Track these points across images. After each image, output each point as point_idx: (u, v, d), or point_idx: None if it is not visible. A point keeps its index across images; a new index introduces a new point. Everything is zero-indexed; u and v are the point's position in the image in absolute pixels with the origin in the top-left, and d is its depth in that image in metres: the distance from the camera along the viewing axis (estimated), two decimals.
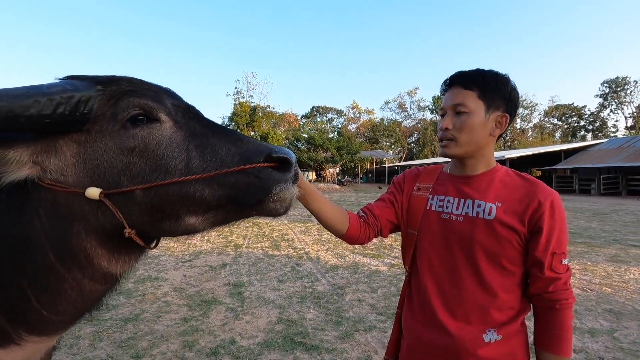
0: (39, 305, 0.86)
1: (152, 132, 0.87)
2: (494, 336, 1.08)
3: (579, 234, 8.87)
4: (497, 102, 1.13)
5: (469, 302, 1.11)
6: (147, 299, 4.46)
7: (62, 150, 0.84)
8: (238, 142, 0.91)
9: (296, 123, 61.37)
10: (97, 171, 0.84)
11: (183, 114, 0.93)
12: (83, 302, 0.92)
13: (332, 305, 4.23)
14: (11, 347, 0.89)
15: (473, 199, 1.14)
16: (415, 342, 1.21)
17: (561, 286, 1.05)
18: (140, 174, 0.85)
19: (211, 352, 3.14)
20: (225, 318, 3.88)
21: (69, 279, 0.87)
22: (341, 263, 6.19)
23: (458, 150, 1.15)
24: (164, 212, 0.87)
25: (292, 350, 3.17)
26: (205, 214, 0.89)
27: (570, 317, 1.06)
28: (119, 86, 0.88)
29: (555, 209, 1.07)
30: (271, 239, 8.46)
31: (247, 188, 0.87)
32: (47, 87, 0.79)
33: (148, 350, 3.17)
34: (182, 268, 5.89)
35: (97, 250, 0.87)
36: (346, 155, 34.90)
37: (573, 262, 6.11)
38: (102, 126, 0.85)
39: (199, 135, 0.91)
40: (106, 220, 0.85)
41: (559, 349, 1.04)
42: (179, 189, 0.85)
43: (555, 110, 60.29)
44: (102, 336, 3.42)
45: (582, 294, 4.57)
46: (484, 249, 1.09)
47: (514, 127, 59.82)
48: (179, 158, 0.87)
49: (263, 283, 5.10)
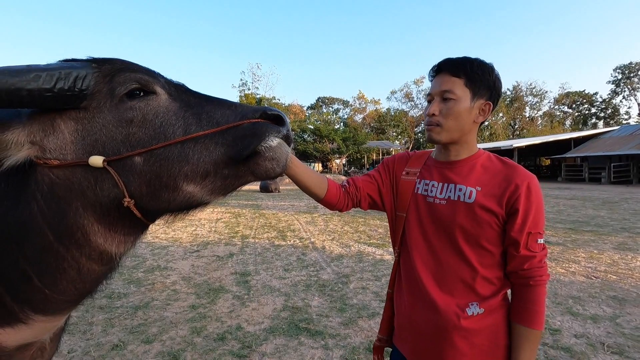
0: (41, 284, 0.90)
1: (150, 103, 0.90)
2: (476, 309, 1.13)
3: (586, 223, 8.81)
4: (482, 90, 1.17)
5: (452, 278, 1.16)
6: (157, 287, 4.58)
7: (60, 128, 0.86)
8: (232, 106, 0.95)
9: (302, 114, 61.18)
10: (97, 145, 0.86)
11: (175, 88, 0.97)
12: (82, 282, 0.95)
13: (337, 293, 4.31)
14: (19, 326, 0.93)
15: (455, 184, 1.19)
16: (404, 320, 1.27)
17: (536, 264, 1.10)
18: (139, 143, 0.88)
19: (218, 337, 3.24)
20: (232, 305, 3.98)
21: (67, 257, 0.90)
22: (346, 252, 6.26)
23: (443, 135, 1.19)
24: (161, 179, 0.88)
25: (296, 335, 3.26)
26: (203, 180, 0.90)
27: (544, 293, 1.11)
28: (113, 65, 0.91)
29: (532, 191, 1.10)
30: (277, 229, 8.56)
31: (242, 138, 0.89)
32: (46, 64, 0.82)
33: (158, 335, 3.28)
34: (190, 258, 6.02)
35: (94, 226, 0.90)
36: (352, 146, 34.83)
37: (579, 250, 6.10)
38: (99, 102, 0.88)
39: (194, 105, 0.94)
40: (104, 194, 0.87)
41: (531, 321, 1.09)
42: (178, 153, 0.88)
43: (565, 98, 59.08)
44: (114, 323, 3.55)
45: (587, 282, 4.58)
46: (464, 230, 1.14)
47: (523, 116, 58.95)
48: (176, 125, 0.90)
49: (269, 272, 5.20)
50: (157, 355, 2.96)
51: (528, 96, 59.47)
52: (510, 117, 58.52)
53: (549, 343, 3.07)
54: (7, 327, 0.92)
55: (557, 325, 3.40)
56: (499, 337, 1.14)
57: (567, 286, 4.43)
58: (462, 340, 1.12)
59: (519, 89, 58.72)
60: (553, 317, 3.58)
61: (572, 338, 3.15)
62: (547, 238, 7.07)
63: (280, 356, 2.93)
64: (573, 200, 14.11)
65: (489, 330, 1.14)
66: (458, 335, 1.13)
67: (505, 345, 1.14)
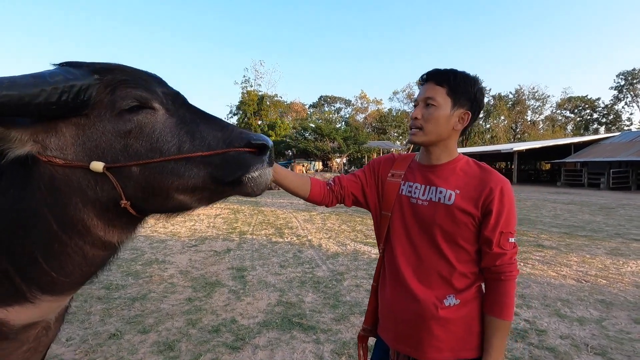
0: (48, 267, 0.96)
1: (147, 118, 0.96)
2: (453, 301, 1.24)
3: (581, 227, 8.89)
4: (462, 100, 1.27)
5: (431, 272, 1.26)
6: (154, 280, 4.67)
7: (62, 131, 0.92)
8: (224, 129, 1.02)
9: (304, 112, 61.22)
10: (97, 151, 0.93)
11: (173, 101, 1.03)
12: (87, 266, 1.02)
13: (331, 290, 4.39)
14: (27, 305, 0.99)
15: (436, 186, 1.28)
16: (386, 310, 1.37)
17: (507, 260, 1.19)
18: (137, 154, 0.94)
19: (213, 329, 3.32)
20: (227, 299, 4.07)
21: (71, 245, 0.96)
22: (342, 251, 6.35)
23: (423, 138, 1.29)
24: (155, 188, 0.97)
25: (289, 330, 3.34)
26: (193, 192, 1.00)
27: (513, 288, 1.21)
28: (114, 75, 0.95)
29: (505, 194, 1.20)
30: (275, 226, 8.64)
31: (228, 167, 0.98)
32: (49, 75, 0.86)
33: (154, 326, 3.37)
34: (188, 252, 6.11)
35: (94, 221, 0.96)
36: (353, 146, 34.92)
37: (571, 255, 6.18)
38: (100, 112, 0.93)
39: (189, 122, 1.01)
40: (104, 193, 0.94)
41: (502, 313, 1.19)
42: (171, 168, 0.96)
43: (567, 103, 59.07)
44: (111, 313, 3.63)
45: (577, 285, 4.66)
46: (443, 229, 1.24)
47: (524, 119, 58.92)
48: (171, 142, 0.97)
49: (265, 268, 5.28)
50: (153, 344, 3.04)
51: (530, 100, 59.44)
52: (511, 121, 58.50)
53: (534, 343, 3.15)
54: (16, 305, 0.98)
55: (543, 326, 3.49)
56: (472, 325, 1.24)
57: (557, 289, 4.51)
58: (440, 328, 1.23)
59: (521, 93, 58.66)
60: (540, 318, 3.66)
61: (558, 339, 3.24)
62: (542, 242, 7.17)
63: (272, 349, 3.02)
64: (570, 205, 14.19)
65: (464, 319, 1.24)
66: (436, 323, 1.23)
67: (478, 332, 1.24)
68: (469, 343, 1.24)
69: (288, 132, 42.01)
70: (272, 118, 43.88)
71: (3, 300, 0.98)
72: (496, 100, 57.14)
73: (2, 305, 0.98)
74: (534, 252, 6.32)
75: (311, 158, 39.50)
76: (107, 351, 2.93)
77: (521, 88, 58.96)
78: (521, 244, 6.90)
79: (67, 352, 2.91)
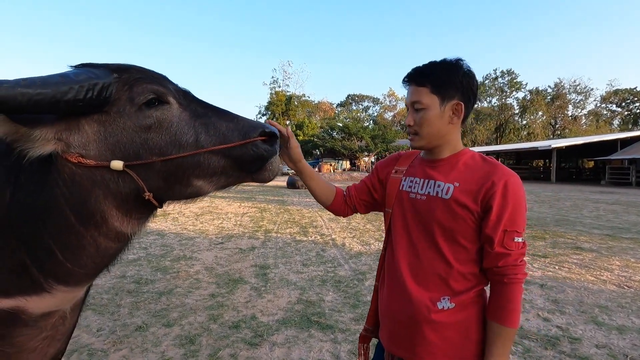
0: (64, 258, 1.02)
1: (164, 113, 1.03)
2: (447, 304, 1.16)
3: (626, 229, 8.26)
4: (450, 92, 1.19)
5: (428, 271, 1.19)
6: (181, 276, 4.83)
7: (84, 128, 0.97)
8: (234, 119, 1.11)
9: (331, 111, 61.17)
10: (119, 145, 0.98)
11: (184, 96, 1.10)
12: (100, 257, 1.07)
13: (352, 290, 4.35)
14: (44, 295, 1.05)
15: (435, 180, 1.22)
16: (384, 311, 1.32)
17: (511, 262, 1.09)
18: (157, 147, 1.01)
19: (233, 325, 3.39)
20: (249, 296, 4.13)
21: (87, 236, 1.02)
22: (365, 250, 6.27)
23: (422, 142, 1.24)
24: (177, 177, 1.04)
25: (307, 328, 3.34)
26: (211, 178, 1.08)
27: (519, 292, 1.10)
28: (131, 74, 1.02)
29: (509, 189, 1.10)
30: (300, 225, 8.69)
31: (248, 158, 1.08)
32: (74, 74, 0.91)
33: (178, 320, 3.48)
34: (215, 250, 6.27)
35: (112, 211, 1.02)
36: (381, 144, 34.44)
37: (614, 258, 5.76)
38: (119, 108, 0.99)
39: (201, 115, 1.08)
40: (125, 185, 1.00)
41: (504, 319, 1.09)
42: (192, 159, 1.03)
43: (614, 96, 55.10)
44: (139, 306, 3.80)
45: (618, 291, 4.33)
46: (441, 225, 1.17)
47: (565, 114, 55.66)
48: (188, 133, 1.04)
49: (288, 266, 5.32)
50: (176, 338, 3.15)
51: (571, 94, 56.03)
52: (550, 116, 55.43)
53: (566, 351, 2.96)
54: (34, 295, 1.05)
55: (578, 334, 3.26)
56: (470, 332, 1.16)
57: (595, 294, 4.21)
58: (433, 332, 1.16)
59: (561, 86, 55.46)
60: (575, 325, 3.43)
61: (593, 348, 3.02)
62: (580, 244, 6.73)
63: (289, 346, 3.03)
64: (615, 205, 13.23)
65: (460, 325, 1.16)
66: (428, 327, 1.16)
67: (478, 340, 1.16)
68: (466, 350, 1.16)
69: (316, 131, 42.14)
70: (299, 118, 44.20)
71: (23, 291, 1.04)
72: (533, 95, 54.37)
73: (21, 294, 1.04)
74: (570, 255, 5.95)
75: (339, 157, 39.40)
76: (133, 342, 3.06)
77: (561, 81, 55.80)
78: (557, 247, 6.52)
79: (97, 342, 3.07)
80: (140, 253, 5.86)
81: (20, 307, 1.05)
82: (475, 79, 1.23)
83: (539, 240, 7.10)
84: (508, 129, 55.64)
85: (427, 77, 1.20)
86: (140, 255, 5.76)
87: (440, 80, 1.18)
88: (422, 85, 1.20)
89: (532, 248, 6.41)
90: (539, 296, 4.16)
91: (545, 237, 7.39)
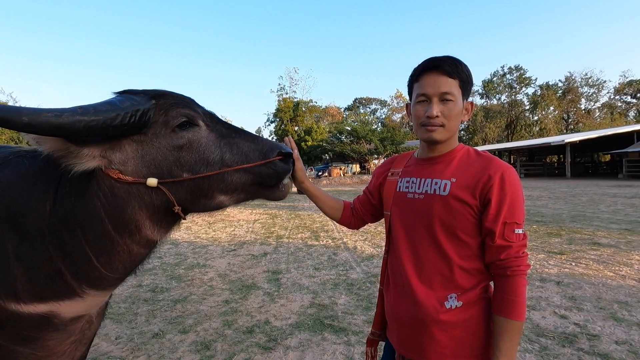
0: (98, 264, 1.10)
1: (195, 134, 1.15)
2: (454, 303, 1.15)
3: None
4: (468, 90, 1.22)
5: (431, 270, 1.19)
6: (195, 283, 4.91)
7: (125, 147, 1.08)
8: (255, 140, 1.25)
9: (339, 116, 61.28)
10: (154, 162, 1.10)
11: (210, 119, 1.23)
12: (131, 262, 1.17)
13: (364, 292, 4.35)
14: (76, 299, 1.13)
15: (432, 178, 1.23)
16: (391, 314, 1.32)
17: (513, 254, 1.10)
18: (187, 164, 1.13)
19: (247, 330, 3.43)
20: (262, 301, 4.17)
21: (121, 243, 1.11)
22: (377, 253, 6.25)
23: (446, 135, 1.21)
24: (203, 192, 1.16)
25: (321, 331, 3.36)
26: (232, 193, 1.21)
27: (523, 284, 1.10)
28: (166, 99, 1.14)
29: (506, 181, 1.11)
30: (311, 230, 8.72)
31: (267, 175, 1.22)
32: (119, 102, 1.04)
33: (193, 327, 3.54)
34: (227, 257, 6.34)
35: (145, 222, 1.12)
36: (390, 146, 34.20)
37: (633, 253, 5.61)
38: (156, 130, 1.11)
39: (225, 135, 1.21)
40: (157, 198, 1.11)
41: (509, 312, 1.09)
42: (217, 175, 1.15)
43: (628, 87, 53.75)
44: (155, 314, 3.87)
45: (638, 286, 4.22)
46: (441, 222, 1.17)
47: (578, 108, 54.55)
48: (215, 152, 1.17)
49: (300, 271, 5.35)
50: (192, 344, 3.20)
51: (583, 87, 54.92)
52: (562, 111, 54.42)
53: (585, 348, 2.90)
54: (66, 300, 1.12)
55: (596, 330, 3.20)
56: (478, 330, 1.16)
57: (614, 290, 4.12)
58: (442, 332, 1.16)
59: (572, 80, 54.45)
60: (593, 322, 3.37)
61: (612, 344, 2.95)
62: (598, 239, 6.58)
63: (303, 350, 3.05)
64: (634, 199, 12.87)
65: (468, 323, 1.16)
66: (437, 328, 1.16)
67: (485, 337, 1.16)
68: (475, 349, 1.16)
69: (324, 136, 42.24)
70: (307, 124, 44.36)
71: (57, 296, 1.12)
72: (543, 90, 53.47)
73: (55, 299, 1.12)
74: (588, 251, 5.82)
75: (348, 161, 39.34)
76: (150, 349, 3.12)
77: (572, 75, 54.75)
78: (574, 243, 6.39)
79: (116, 349, 3.14)
80: (155, 262, 5.97)
81: (54, 312, 1.13)
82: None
83: (555, 237, 6.96)
84: (519, 126, 54.80)
85: (457, 70, 1.17)
86: (155, 264, 5.86)
87: (467, 77, 1.20)
88: (453, 77, 1.17)
89: (547, 245, 6.30)
90: (556, 293, 4.09)
91: (561, 233, 7.24)
